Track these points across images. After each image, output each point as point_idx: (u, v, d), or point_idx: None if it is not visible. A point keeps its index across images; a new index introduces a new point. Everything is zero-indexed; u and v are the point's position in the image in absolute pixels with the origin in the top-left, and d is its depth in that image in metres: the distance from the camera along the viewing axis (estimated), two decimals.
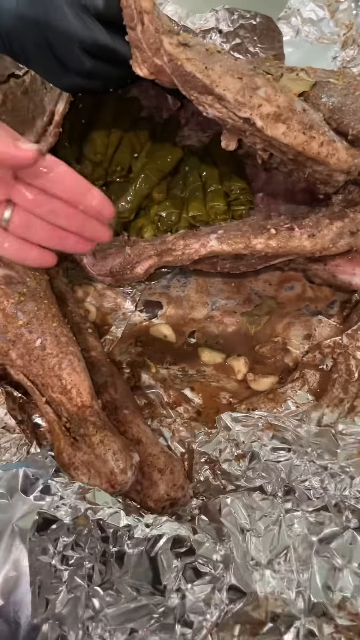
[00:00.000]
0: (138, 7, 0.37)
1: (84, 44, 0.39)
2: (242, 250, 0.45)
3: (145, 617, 0.33)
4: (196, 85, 0.39)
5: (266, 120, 0.38)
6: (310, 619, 0.33)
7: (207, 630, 0.31)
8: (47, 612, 0.33)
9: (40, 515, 0.34)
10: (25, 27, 0.38)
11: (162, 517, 0.34)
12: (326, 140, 0.40)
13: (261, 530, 0.36)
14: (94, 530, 0.33)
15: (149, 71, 0.40)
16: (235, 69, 0.39)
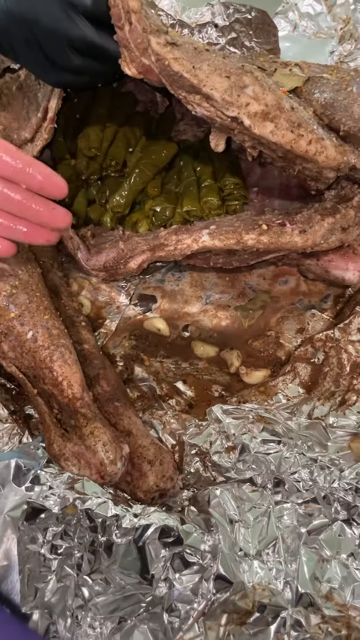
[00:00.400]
0: (126, 7, 0.37)
1: (72, 42, 0.39)
2: (234, 246, 0.45)
3: (134, 606, 0.33)
4: (184, 84, 0.39)
5: (254, 119, 0.38)
6: (297, 609, 0.33)
7: (193, 619, 0.31)
8: (36, 600, 0.33)
9: (29, 505, 0.34)
10: (13, 24, 0.38)
11: (150, 508, 0.34)
12: (314, 138, 0.39)
13: (250, 522, 0.36)
14: (82, 519, 0.33)
15: (137, 70, 0.40)
16: (223, 68, 0.38)
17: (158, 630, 0.32)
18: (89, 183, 0.56)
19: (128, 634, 0.32)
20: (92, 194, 0.55)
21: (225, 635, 0.31)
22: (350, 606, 0.33)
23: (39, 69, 0.41)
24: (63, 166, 0.56)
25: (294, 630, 0.32)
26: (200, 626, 0.31)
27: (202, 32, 0.57)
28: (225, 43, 0.56)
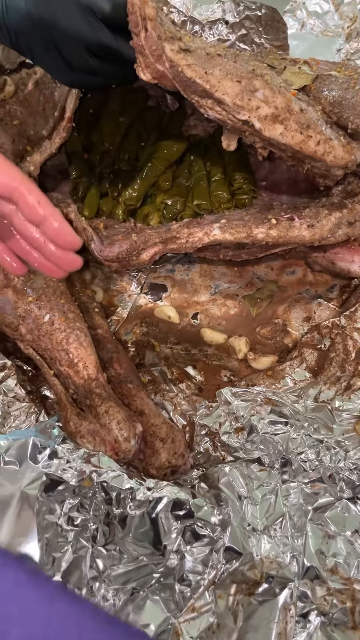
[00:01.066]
0: (142, 14, 0.38)
1: (89, 45, 0.40)
2: (244, 239, 0.46)
3: (146, 577, 0.34)
4: (196, 89, 0.40)
5: (264, 122, 0.39)
6: (304, 581, 0.34)
7: (204, 587, 0.32)
8: (53, 569, 0.34)
9: (47, 477, 0.35)
10: (32, 26, 0.39)
11: (163, 482, 0.35)
12: (323, 139, 0.40)
13: (258, 499, 0.37)
14: (98, 492, 0.34)
15: (151, 76, 0.42)
16: (235, 73, 0.40)
17: (169, 600, 0.33)
18: (101, 176, 0.57)
19: (140, 605, 0.33)
20: (104, 187, 0.56)
21: (234, 604, 0.32)
22: (354, 580, 0.34)
23: (56, 70, 0.43)
24: (77, 160, 0.57)
25: (301, 602, 0.33)
26: (210, 594, 0.32)
27: (213, 29, 0.58)
28: (235, 39, 0.57)
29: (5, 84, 0.54)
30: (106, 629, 0.27)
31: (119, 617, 0.32)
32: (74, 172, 0.57)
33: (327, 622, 0.33)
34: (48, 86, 0.52)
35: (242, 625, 0.32)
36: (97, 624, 0.27)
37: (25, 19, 0.38)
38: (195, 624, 0.31)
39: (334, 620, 0.33)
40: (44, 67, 0.44)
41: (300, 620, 0.33)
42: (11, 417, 0.42)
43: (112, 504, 0.34)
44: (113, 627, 0.27)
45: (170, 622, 0.32)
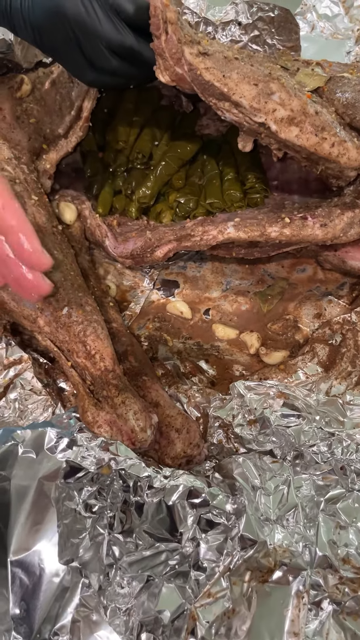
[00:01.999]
0: (164, 17, 0.38)
1: (112, 45, 0.40)
2: (258, 238, 0.46)
3: (162, 565, 0.34)
4: (214, 92, 0.41)
5: (280, 124, 0.40)
6: (316, 570, 0.34)
7: (220, 573, 0.32)
8: (71, 554, 0.34)
9: (67, 464, 0.35)
10: (57, 23, 0.39)
11: (179, 470, 0.36)
12: (337, 141, 0.41)
13: (271, 490, 0.37)
14: (115, 480, 0.35)
15: (170, 78, 0.42)
16: (252, 76, 0.40)
17: (184, 586, 0.33)
18: (115, 175, 0.57)
19: (155, 592, 0.34)
20: (118, 185, 0.57)
21: (248, 591, 0.33)
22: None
23: (77, 68, 0.43)
24: (91, 159, 0.58)
25: (313, 590, 0.33)
26: (225, 581, 0.32)
27: (226, 30, 0.58)
28: (247, 40, 0.58)
29: (22, 82, 0.54)
30: None
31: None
32: (88, 170, 0.58)
33: (339, 610, 0.33)
34: (65, 85, 0.53)
35: (256, 612, 0.32)
36: None
37: (50, 16, 0.39)
38: (211, 608, 0.31)
39: (346, 609, 0.33)
40: (65, 65, 0.44)
41: (313, 608, 0.33)
42: (28, 410, 0.42)
43: (130, 491, 0.35)
44: None
45: (185, 607, 0.32)
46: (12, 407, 0.42)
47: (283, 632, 0.32)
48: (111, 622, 0.34)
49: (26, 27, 0.40)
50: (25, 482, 0.38)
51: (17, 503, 0.37)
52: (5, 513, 0.37)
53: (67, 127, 0.52)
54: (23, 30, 0.41)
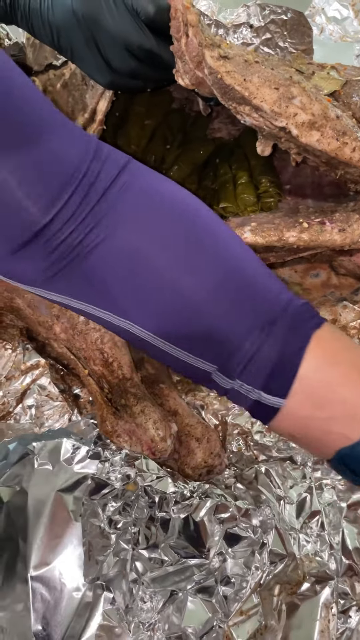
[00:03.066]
0: (185, 20, 0.37)
1: (131, 46, 0.38)
2: (275, 243, 0.45)
3: (186, 580, 0.33)
4: (235, 96, 0.39)
5: (301, 129, 0.38)
6: (342, 579, 0.33)
7: (251, 589, 0.31)
8: (96, 572, 0.33)
9: (92, 480, 0.34)
10: (76, 23, 0.37)
11: (205, 485, 0.34)
12: (358, 146, 0.40)
13: (294, 498, 0.36)
14: (141, 495, 0.33)
15: (190, 82, 0.40)
16: (273, 80, 0.38)
17: (209, 601, 0.32)
18: None
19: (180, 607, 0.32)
20: None
21: (278, 604, 0.32)
22: None
23: (94, 69, 0.41)
24: None
25: (341, 599, 0.33)
26: (256, 597, 0.31)
27: (237, 33, 0.56)
28: (259, 43, 0.56)
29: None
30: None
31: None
32: None
33: None
34: (78, 88, 0.51)
35: (286, 624, 0.31)
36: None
37: (70, 15, 0.37)
38: (245, 627, 0.30)
39: None
40: (83, 66, 0.42)
41: (341, 616, 0.32)
42: (44, 416, 0.41)
43: (155, 507, 0.33)
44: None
45: (215, 624, 0.31)
46: (28, 413, 0.41)
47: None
48: (135, 638, 0.33)
49: (44, 27, 0.39)
50: (42, 496, 0.36)
51: (35, 517, 0.36)
52: (23, 527, 0.35)
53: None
54: (41, 30, 0.39)
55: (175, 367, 0.28)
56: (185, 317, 0.26)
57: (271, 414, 0.26)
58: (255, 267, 0.27)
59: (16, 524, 0.35)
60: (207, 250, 0.26)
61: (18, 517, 0.35)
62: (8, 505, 0.35)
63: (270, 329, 0.25)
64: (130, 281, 0.26)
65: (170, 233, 0.26)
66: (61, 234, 0.25)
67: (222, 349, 0.26)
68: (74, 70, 0.51)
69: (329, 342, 0.26)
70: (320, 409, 0.25)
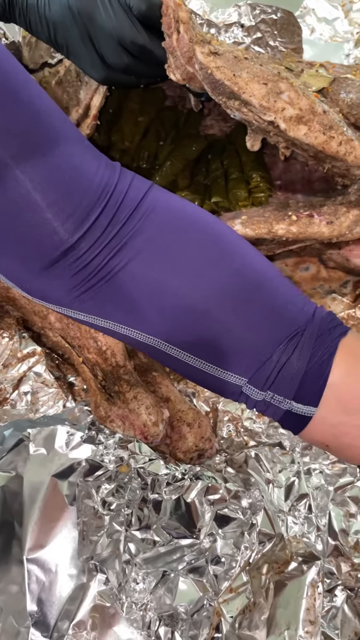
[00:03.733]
0: (176, 17, 0.37)
1: (124, 41, 0.39)
2: (265, 235, 0.45)
3: (178, 561, 0.34)
4: (224, 91, 0.40)
5: (289, 123, 0.39)
6: (329, 559, 0.34)
7: (240, 568, 0.32)
8: (90, 551, 0.34)
9: (87, 462, 0.34)
10: (72, 19, 0.38)
11: (196, 467, 0.35)
12: (344, 140, 0.40)
13: (282, 482, 0.37)
14: (134, 477, 0.34)
15: (181, 77, 0.41)
16: (262, 75, 0.39)
17: (201, 581, 0.33)
18: None
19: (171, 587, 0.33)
20: None
21: (266, 583, 0.32)
22: None
23: (89, 65, 0.42)
24: None
25: (327, 578, 0.33)
26: (246, 575, 0.32)
27: (229, 32, 0.57)
28: (250, 42, 0.57)
29: None
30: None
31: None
32: None
33: (352, 595, 0.33)
34: (72, 84, 0.51)
35: (273, 602, 0.32)
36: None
37: (66, 11, 0.37)
38: (235, 603, 0.31)
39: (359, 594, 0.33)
40: (78, 62, 0.43)
41: (327, 595, 0.33)
42: (39, 402, 0.41)
43: (148, 489, 0.34)
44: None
45: (205, 602, 0.31)
46: (24, 399, 0.41)
47: (299, 621, 0.31)
48: (128, 618, 0.33)
49: (41, 23, 0.39)
50: (37, 481, 0.37)
51: (30, 501, 0.36)
52: (19, 512, 0.36)
53: (75, 125, 0.51)
54: (38, 26, 0.40)
55: (205, 382, 0.28)
56: (215, 333, 0.26)
57: (303, 423, 0.26)
58: (279, 281, 0.28)
59: (12, 508, 0.36)
60: (233, 268, 0.27)
61: (13, 501, 0.36)
62: (4, 489, 0.36)
63: (299, 339, 0.26)
64: (156, 302, 0.26)
65: (196, 254, 0.26)
66: (88, 255, 0.25)
67: (252, 362, 0.26)
68: (68, 67, 0.52)
69: (356, 349, 0.26)
70: (352, 415, 0.25)
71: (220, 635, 0.30)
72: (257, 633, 0.31)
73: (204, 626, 0.31)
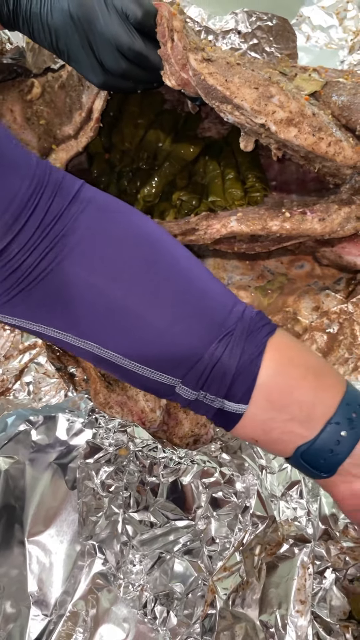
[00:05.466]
0: (170, 26, 0.40)
1: (122, 48, 0.41)
2: (259, 231, 0.47)
3: (174, 542, 0.35)
4: (217, 96, 0.42)
5: (279, 125, 0.41)
6: (319, 542, 0.35)
7: (234, 548, 0.33)
8: (89, 532, 0.35)
9: (87, 444, 0.36)
10: (73, 26, 0.40)
11: (193, 452, 0.37)
12: (333, 141, 0.42)
13: (275, 468, 0.38)
14: (132, 460, 0.35)
15: (176, 83, 0.43)
16: (253, 80, 0.41)
17: (196, 561, 0.34)
18: (121, 175, 0.58)
19: (167, 569, 0.34)
20: (123, 184, 0.57)
21: (258, 563, 0.34)
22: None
23: (89, 70, 0.44)
24: (98, 160, 0.59)
25: (317, 560, 0.35)
26: (239, 555, 0.33)
27: (226, 38, 0.59)
28: (247, 48, 0.59)
29: (32, 86, 0.55)
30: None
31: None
32: (95, 171, 0.58)
33: (341, 577, 0.34)
34: (75, 88, 0.53)
35: (266, 582, 0.33)
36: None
37: (67, 18, 0.39)
38: (228, 581, 0.32)
39: (348, 576, 0.34)
40: (78, 67, 0.45)
41: (317, 576, 0.34)
42: (41, 392, 0.43)
43: (145, 472, 0.35)
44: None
45: (200, 582, 0.33)
46: (26, 390, 0.43)
47: (290, 600, 0.33)
48: (125, 598, 0.35)
49: (44, 30, 0.41)
50: (39, 466, 0.38)
51: (32, 486, 0.38)
52: (21, 496, 0.37)
53: (77, 128, 0.53)
54: (41, 34, 0.42)
55: (139, 383, 0.28)
56: (147, 335, 0.26)
57: (234, 420, 0.27)
58: (210, 283, 0.28)
59: (14, 492, 0.37)
60: (164, 271, 0.27)
61: (16, 485, 0.37)
62: (7, 474, 0.37)
63: (229, 339, 0.26)
64: (89, 304, 0.26)
65: (127, 255, 0.26)
66: (19, 257, 0.25)
67: (184, 363, 0.26)
68: (70, 72, 0.54)
69: (284, 347, 0.27)
70: (280, 412, 0.26)
71: (214, 612, 0.31)
72: (250, 611, 0.32)
73: (199, 605, 0.32)
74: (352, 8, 0.64)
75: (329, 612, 0.33)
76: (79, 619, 0.34)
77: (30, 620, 0.34)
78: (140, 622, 0.33)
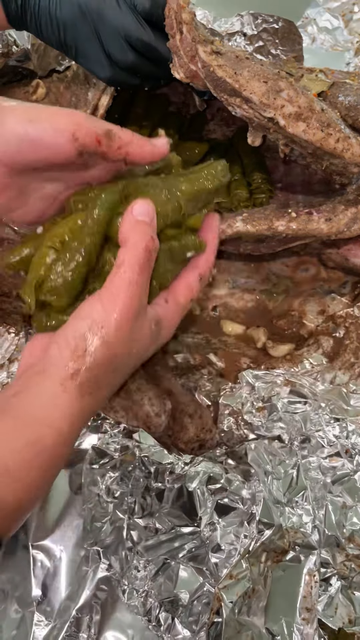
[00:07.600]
0: (178, 18, 0.39)
1: (130, 38, 0.41)
2: (265, 232, 0.46)
3: (178, 549, 0.34)
4: (226, 88, 0.41)
5: (288, 120, 0.40)
6: (325, 549, 0.34)
7: (240, 555, 0.32)
8: (94, 537, 0.34)
9: (93, 449, 0.35)
10: (81, 17, 0.40)
11: (199, 457, 0.36)
12: (342, 137, 0.41)
13: (281, 474, 0.37)
14: (138, 466, 0.35)
15: (185, 75, 0.42)
16: (262, 74, 0.40)
17: (201, 568, 0.34)
18: None
19: (171, 575, 0.34)
20: None
21: (264, 571, 0.33)
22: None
23: (96, 64, 0.43)
24: None
25: (323, 567, 0.34)
26: (245, 562, 0.33)
27: (232, 41, 0.59)
28: (252, 51, 0.58)
29: (38, 86, 0.54)
30: None
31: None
32: None
33: (347, 585, 0.33)
34: (80, 87, 0.53)
35: (271, 590, 0.32)
36: None
37: (76, 9, 0.39)
38: (234, 590, 0.31)
39: (353, 584, 0.33)
40: (85, 62, 0.44)
41: (323, 584, 0.33)
42: None
43: (151, 477, 0.35)
44: None
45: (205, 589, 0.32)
46: None
47: (296, 608, 0.32)
48: (129, 604, 0.34)
49: (52, 25, 0.41)
50: None
51: None
52: None
53: None
54: (49, 28, 0.42)
55: None
56: None
57: None
58: None
59: None
60: None
61: None
62: None
63: None
64: None
65: None
66: None
67: None
68: (76, 71, 0.53)
69: None
70: None
71: (220, 620, 0.31)
72: (256, 619, 0.31)
73: (204, 612, 0.32)
74: (357, 10, 0.63)
75: (334, 620, 0.32)
76: (82, 624, 0.33)
77: (34, 625, 0.33)
78: (144, 628, 0.33)
